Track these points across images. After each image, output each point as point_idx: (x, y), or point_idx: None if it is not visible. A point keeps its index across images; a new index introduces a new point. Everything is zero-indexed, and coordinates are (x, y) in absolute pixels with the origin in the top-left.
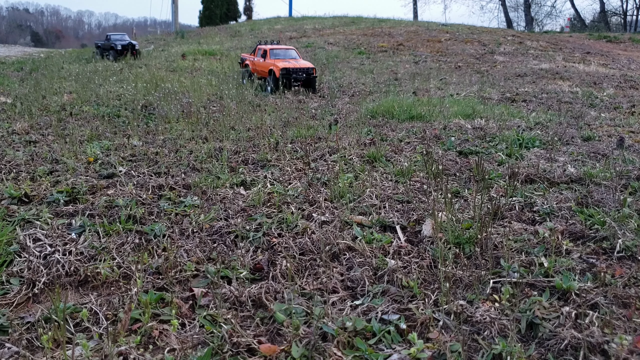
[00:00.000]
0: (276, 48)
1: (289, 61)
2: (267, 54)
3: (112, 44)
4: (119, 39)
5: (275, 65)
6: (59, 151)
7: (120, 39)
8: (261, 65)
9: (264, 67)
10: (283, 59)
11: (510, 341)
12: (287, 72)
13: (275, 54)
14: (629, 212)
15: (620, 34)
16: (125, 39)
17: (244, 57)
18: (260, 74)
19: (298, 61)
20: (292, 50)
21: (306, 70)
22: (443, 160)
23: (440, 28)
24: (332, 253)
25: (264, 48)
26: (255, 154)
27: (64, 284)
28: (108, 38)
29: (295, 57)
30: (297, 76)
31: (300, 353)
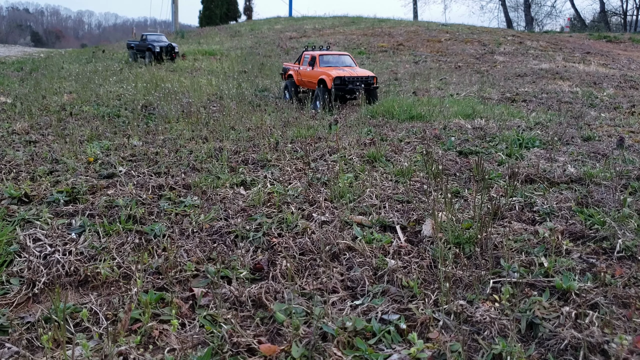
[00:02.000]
0: (327, 54)
1: (343, 69)
2: (315, 61)
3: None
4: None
5: (326, 75)
6: (59, 151)
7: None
8: (309, 75)
9: (313, 77)
10: (335, 66)
11: (510, 341)
12: (342, 82)
13: (325, 61)
14: (629, 212)
15: (620, 34)
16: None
17: (286, 66)
18: (307, 85)
19: (354, 69)
20: (347, 56)
21: (365, 79)
22: (443, 160)
23: (440, 28)
24: (332, 253)
25: (312, 54)
26: (255, 154)
27: (64, 284)
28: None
29: (351, 63)
30: (354, 87)
31: (300, 353)
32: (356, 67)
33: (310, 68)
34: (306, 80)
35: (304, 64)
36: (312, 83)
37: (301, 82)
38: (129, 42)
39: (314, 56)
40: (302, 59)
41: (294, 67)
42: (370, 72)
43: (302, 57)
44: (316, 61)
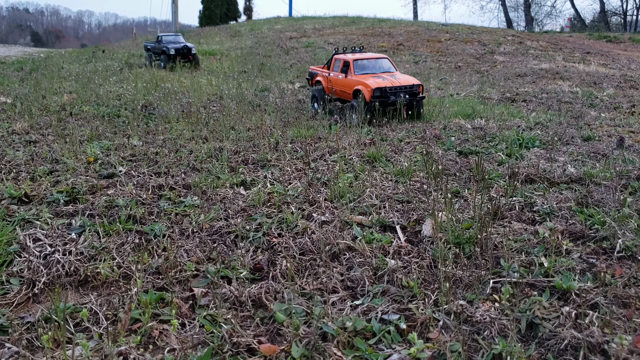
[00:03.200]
0: (362, 58)
1: (382, 76)
2: (349, 67)
3: (164, 47)
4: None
5: (363, 85)
6: (59, 151)
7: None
8: (342, 83)
9: (346, 86)
10: (373, 73)
11: (510, 341)
12: (383, 93)
13: (361, 67)
14: (629, 212)
15: (620, 34)
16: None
17: (313, 71)
18: (340, 95)
19: (395, 75)
20: (385, 59)
21: (409, 88)
22: (443, 160)
23: (440, 28)
24: (332, 253)
25: (344, 59)
26: (255, 154)
27: (64, 284)
28: (159, 39)
29: (390, 69)
30: (398, 98)
31: (300, 353)
32: (396, 72)
33: (342, 75)
34: (338, 89)
35: (334, 69)
36: (346, 93)
37: (332, 90)
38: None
39: (347, 61)
40: (333, 63)
41: (322, 72)
42: (415, 78)
43: (333, 62)
44: (350, 67)
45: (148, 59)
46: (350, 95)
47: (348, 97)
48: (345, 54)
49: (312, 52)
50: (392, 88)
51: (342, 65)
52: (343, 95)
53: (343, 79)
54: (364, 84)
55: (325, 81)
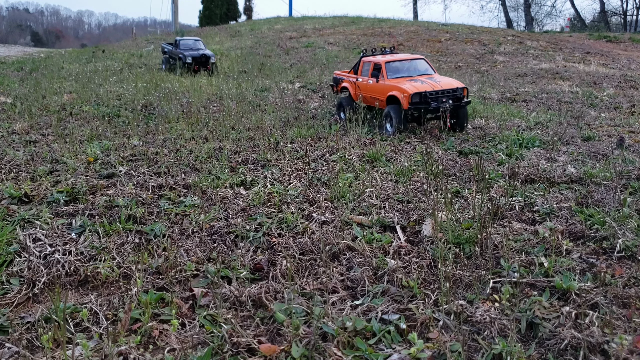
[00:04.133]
0: (395, 60)
1: (420, 80)
2: (381, 71)
3: (180, 53)
4: (191, 47)
5: (399, 90)
6: (59, 151)
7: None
8: (373, 89)
9: (379, 92)
10: (409, 76)
11: (510, 341)
12: (423, 99)
13: (395, 70)
14: (629, 212)
15: (620, 34)
16: (198, 47)
17: (338, 76)
18: (371, 103)
19: (435, 78)
20: (421, 60)
21: (453, 92)
22: (443, 160)
23: (440, 28)
24: (332, 253)
25: (375, 61)
26: (255, 154)
27: (64, 284)
28: (176, 43)
29: (428, 70)
30: (440, 104)
31: (300, 353)
32: (435, 74)
33: (373, 80)
34: (369, 95)
35: (363, 74)
36: (378, 100)
37: (361, 97)
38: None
39: (378, 64)
40: (361, 67)
41: (349, 77)
42: (457, 81)
43: (361, 65)
44: (382, 71)
45: (165, 63)
46: (383, 102)
47: (380, 105)
48: (374, 55)
49: (312, 52)
50: (433, 92)
51: (372, 69)
52: (374, 103)
53: (374, 84)
54: (400, 88)
55: (353, 87)
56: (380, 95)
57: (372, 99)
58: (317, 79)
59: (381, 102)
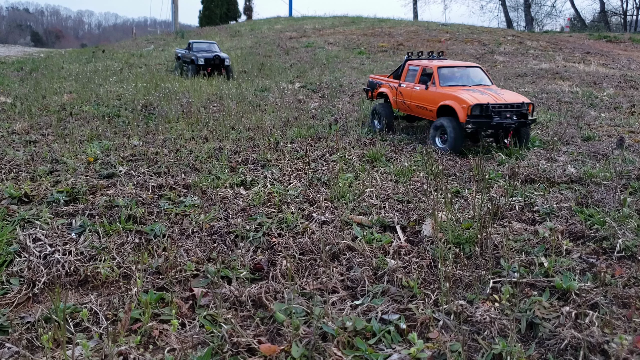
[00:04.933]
0: (449, 65)
1: (480, 90)
2: (433, 77)
3: (193, 55)
4: (204, 50)
5: (456, 99)
6: (59, 151)
7: (206, 50)
8: (420, 97)
9: (428, 100)
10: (464, 85)
11: (510, 341)
12: (484, 111)
13: (449, 77)
14: (629, 212)
15: (620, 34)
16: (212, 50)
17: (375, 80)
18: (416, 112)
19: (494, 89)
20: (477, 68)
21: (517, 107)
22: (443, 160)
23: (440, 28)
24: (332, 253)
25: (424, 65)
26: (255, 154)
27: (64, 284)
28: (190, 47)
29: (484, 80)
30: (503, 120)
31: (300, 353)
32: (493, 85)
33: (421, 87)
34: (414, 104)
35: (408, 79)
36: (426, 110)
37: (404, 106)
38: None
39: (429, 69)
40: (406, 71)
41: (389, 82)
42: (522, 95)
43: (406, 69)
44: (434, 77)
45: (178, 68)
46: (432, 113)
47: (428, 116)
48: (421, 59)
49: (312, 52)
50: (496, 106)
51: (420, 74)
52: (421, 113)
53: (422, 91)
54: (457, 98)
55: (393, 93)
56: (430, 105)
57: (418, 108)
58: (317, 79)
59: (430, 113)
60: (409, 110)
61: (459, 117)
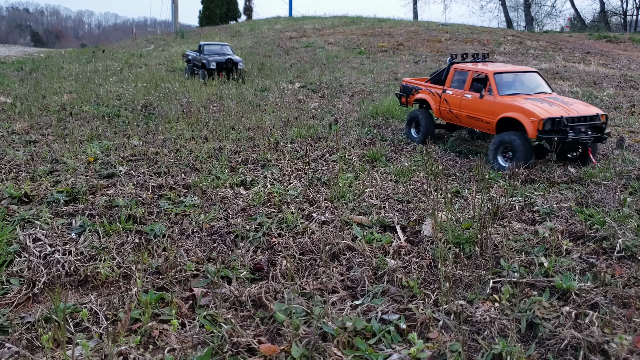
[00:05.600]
0: (507, 71)
1: (545, 100)
2: (490, 83)
3: (204, 59)
4: (216, 53)
5: (523, 111)
6: (59, 151)
7: (218, 52)
8: (474, 106)
9: (485, 111)
10: (525, 94)
11: (510, 341)
12: (557, 126)
13: (507, 84)
14: (629, 212)
15: (620, 34)
16: (225, 53)
17: (410, 84)
18: (466, 122)
19: (559, 99)
20: (535, 73)
21: (592, 121)
22: (443, 160)
23: (440, 28)
24: (332, 253)
25: (478, 70)
26: (255, 153)
27: (64, 284)
28: (200, 49)
29: (544, 88)
30: (579, 136)
31: (300, 353)
32: (554, 93)
33: (474, 95)
34: (464, 114)
35: (455, 85)
36: (483, 122)
37: (449, 115)
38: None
39: (483, 75)
40: (451, 76)
41: (429, 88)
42: (595, 107)
43: (451, 74)
44: (490, 85)
45: (188, 71)
46: (490, 125)
47: (483, 128)
48: (472, 62)
49: (312, 52)
50: (570, 119)
51: (470, 80)
52: (473, 124)
53: (475, 100)
54: (525, 110)
55: (437, 101)
56: (487, 116)
57: (470, 119)
58: (317, 79)
59: (486, 125)
60: (457, 120)
61: (528, 133)
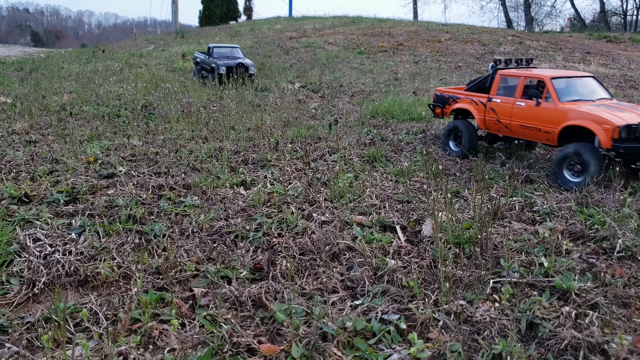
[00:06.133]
0: (565, 76)
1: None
2: (548, 89)
3: (213, 63)
4: (226, 55)
5: (595, 118)
6: (59, 151)
7: (227, 56)
8: (529, 114)
9: (545, 119)
10: (587, 100)
11: (510, 341)
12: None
13: (567, 90)
14: (629, 212)
15: (620, 34)
16: (235, 56)
17: (447, 94)
18: (520, 134)
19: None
20: (591, 78)
21: None
22: (443, 160)
23: (440, 28)
24: (332, 253)
25: (533, 76)
26: (255, 154)
27: (64, 284)
28: (210, 51)
29: (602, 92)
30: None
31: (300, 353)
32: (613, 99)
33: (528, 103)
34: (517, 123)
35: (502, 92)
36: (541, 132)
37: (497, 125)
38: (196, 55)
39: (539, 80)
40: (497, 82)
41: (471, 97)
42: None
43: (497, 80)
44: (548, 91)
45: (197, 75)
46: (551, 135)
47: (542, 138)
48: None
49: (312, 52)
50: None
51: (522, 87)
52: (529, 135)
53: (531, 108)
54: (596, 117)
55: (481, 111)
56: (547, 125)
57: (524, 128)
58: (317, 79)
59: (545, 135)
60: (506, 130)
61: (601, 142)
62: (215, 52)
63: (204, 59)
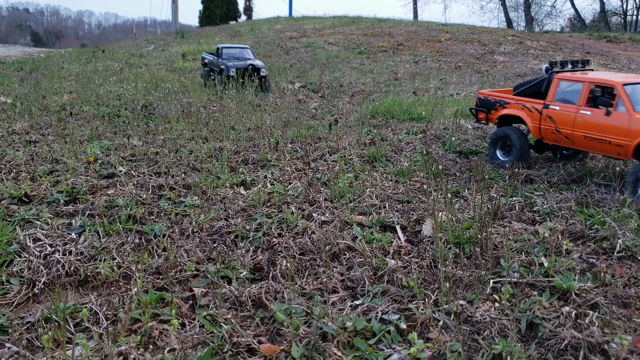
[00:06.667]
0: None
1: None
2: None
3: (223, 64)
4: (236, 57)
5: None
6: (59, 151)
7: (237, 57)
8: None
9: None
10: None
11: (510, 341)
12: None
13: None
14: (629, 212)
15: (620, 34)
16: (245, 57)
17: (493, 98)
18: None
19: None
20: None
21: None
22: (443, 160)
23: (440, 28)
24: (332, 253)
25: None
26: (255, 154)
27: (64, 284)
28: (219, 52)
29: None
30: None
31: (300, 353)
32: None
33: (595, 111)
34: (580, 134)
35: (561, 98)
36: (612, 145)
37: (555, 135)
38: (204, 55)
39: (609, 86)
40: (554, 87)
41: (523, 102)
42: None
43: (554, 85)
44: (621, 98)
45: (205, 77)
46: (624, 149)
47: (611, 152)
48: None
49: (312, 52)
50: None
51: (587, 93)
52: (595, 147)
53: (598, 117)
54: None
55: (536, 118)
56: (618, 137)
57: (589, 140)
58: (317, 79)
59: (616, 149)
60: (567, 142)
61: None
62: (224, 53)
63: (212, 60)
